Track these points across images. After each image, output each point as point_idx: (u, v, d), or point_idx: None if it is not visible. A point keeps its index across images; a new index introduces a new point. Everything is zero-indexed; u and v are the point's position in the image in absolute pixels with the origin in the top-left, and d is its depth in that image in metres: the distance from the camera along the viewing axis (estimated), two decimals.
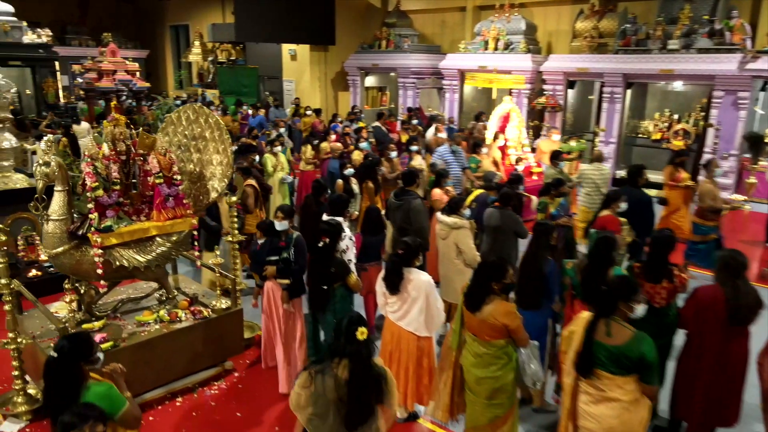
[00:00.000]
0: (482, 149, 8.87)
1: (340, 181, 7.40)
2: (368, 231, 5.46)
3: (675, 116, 12.29)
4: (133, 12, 24.73)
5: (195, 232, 4.66)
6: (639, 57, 11.84)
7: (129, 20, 24.55)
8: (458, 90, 15.38)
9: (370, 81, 18.02)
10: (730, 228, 8.78)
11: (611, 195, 5.86)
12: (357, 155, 8.52)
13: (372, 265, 5.38)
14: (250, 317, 5.54)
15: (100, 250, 4.10)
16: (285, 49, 17.98)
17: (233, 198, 4.88)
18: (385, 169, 8.18)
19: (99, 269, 4.12)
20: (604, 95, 12.45)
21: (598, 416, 3.14)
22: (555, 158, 7.89)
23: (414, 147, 8.77)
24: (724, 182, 10.29)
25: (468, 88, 15.58)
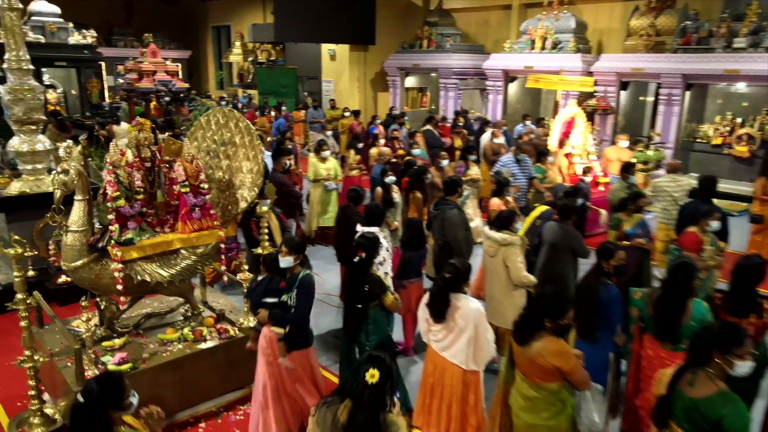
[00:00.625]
0: (548, 158, 8.15)
1: (379, 189, 6.88)
2: (409, 246, 5.04)
3: (738, 120, 11.42)
4: (176, 13, 25.04)
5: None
6: (701, 56, 11.04)
7: (172, 21, 24.88)
8: (502, 91, 14.82)
9: (411, 82, 17.63)
10: None
11: (702, 210, 5.12)
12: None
13: (412, 283, 4.99)
14: None
15: (121, 265, 3.83)
16: (324, 49, 17.81)
17: (264, 207, 4.55)
18: (436, 178, 7.43)
19: (119, 284, 3.85)
20: (661, 97, 11.68)
21: None
22: (626, 171, 6.66)
23: (473, 156, 8.22)
24: None
25: (512, 89, 14.98)
